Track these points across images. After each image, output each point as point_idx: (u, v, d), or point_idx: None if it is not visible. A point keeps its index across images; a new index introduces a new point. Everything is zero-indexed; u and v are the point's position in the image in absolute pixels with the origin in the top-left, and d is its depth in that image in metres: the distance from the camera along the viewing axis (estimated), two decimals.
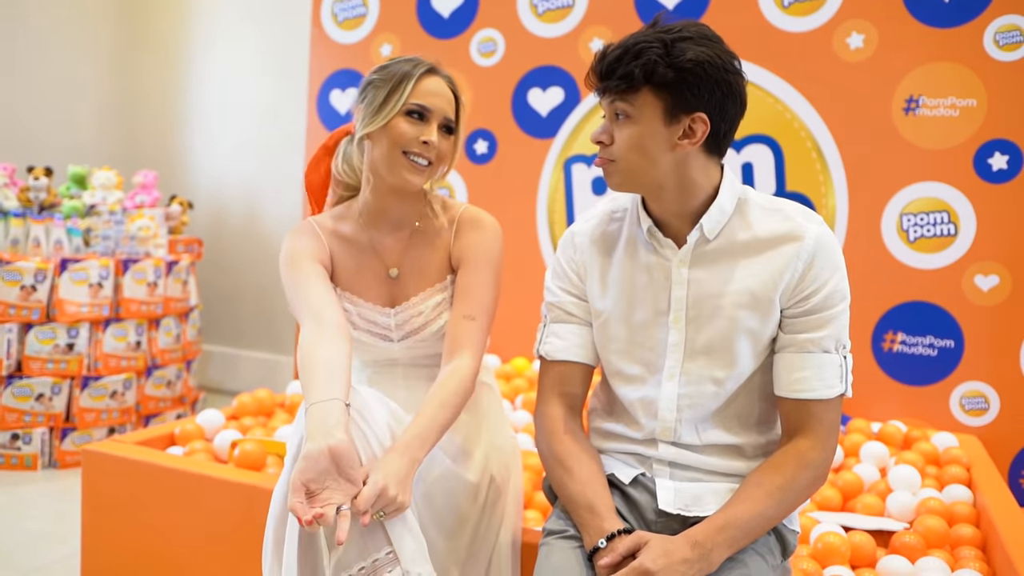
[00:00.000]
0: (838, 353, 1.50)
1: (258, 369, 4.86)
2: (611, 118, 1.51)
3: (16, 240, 3.65)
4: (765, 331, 1.52)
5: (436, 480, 1.69)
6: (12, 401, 3.45)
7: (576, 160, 3.60)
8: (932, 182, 3.06)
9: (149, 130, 5.23)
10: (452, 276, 1.84)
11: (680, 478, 1.58)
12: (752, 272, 1.51)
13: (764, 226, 1.53)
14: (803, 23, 3.20)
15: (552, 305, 1.70)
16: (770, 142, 3.26)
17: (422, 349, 1.85)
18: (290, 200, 4.67)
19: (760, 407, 1.59)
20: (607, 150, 1.52)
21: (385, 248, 1.84)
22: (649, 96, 1.46)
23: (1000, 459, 2.96)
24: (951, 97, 3.02)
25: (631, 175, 1.52)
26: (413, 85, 1.72)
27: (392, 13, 3.91)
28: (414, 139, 1.71)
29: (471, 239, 1.82)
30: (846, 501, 2.38)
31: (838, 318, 1.50)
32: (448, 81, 1.79)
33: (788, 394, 1.51)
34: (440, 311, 1.82)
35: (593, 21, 3.54)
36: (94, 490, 2.32)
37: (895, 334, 3.14)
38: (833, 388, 1.49)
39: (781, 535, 1.58)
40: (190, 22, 5.09)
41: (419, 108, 1.72)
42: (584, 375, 1.68)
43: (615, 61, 1.45)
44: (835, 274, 1.49)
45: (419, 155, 1.72)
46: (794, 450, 1.49)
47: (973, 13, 2.97)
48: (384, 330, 1.84)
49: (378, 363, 1.89)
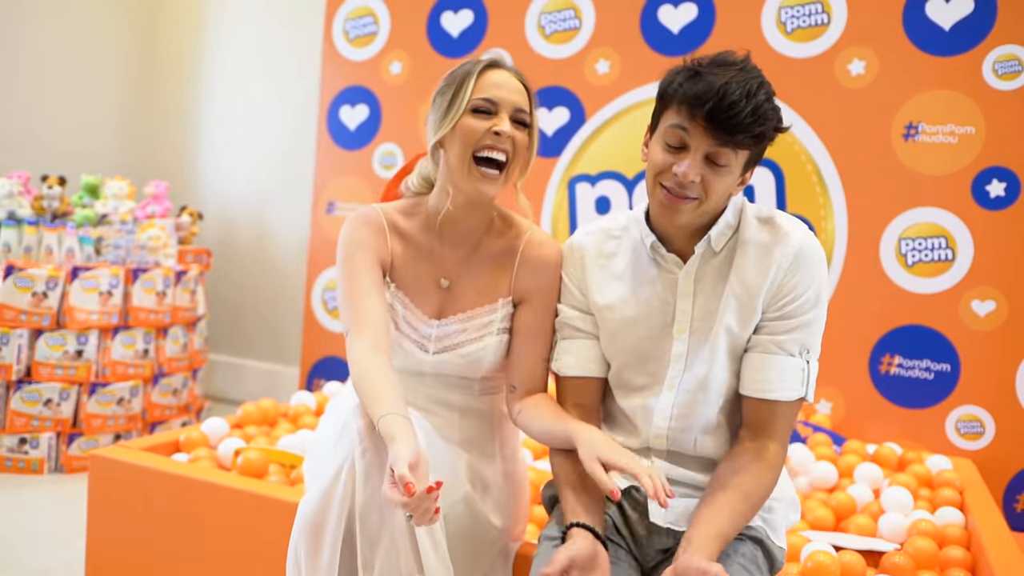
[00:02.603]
0: (801, 357, 1.55)
1: (263, 379, 4.90)
2: (705, 161, 1.49)
3: (29, 247, 3.70)
4: (743, 334, 1.57)
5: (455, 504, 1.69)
6: (21, 406, 3.49)
7: (580, 179, 3.65)
8: (931, 208, 3.10)
9: (161, 141, 5.29)
10: (505, 300, 1.77)
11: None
12: (740, 277, 1.56)
13: (757, 235, 1.57)
14: (806, 49, 3.24)
15: (561, 323, 1.74)
16: (771, 165, 3.31)
17: (453, 369, 1.77)
18: (299, 214, 4.72)
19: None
20: (695, 189, 1.50)
21: (444, 258, 1.78)
22: (745, 151, 1.51)
23: (995, 483, 2.98)
24: (950, 124, 3.06)
25: (704, 216, 1.56)
26: (475, 81, 1.66)
27: (403, 31, 3.96)
28: (485, 132, 1.64)
29: (542, 279, 1.76)
30: (839, 521, 2.39)
31: (809, 325, 1.54)
32: (516, 74, 1.71)
33: (751, 392, 1.56)
34: (483, 333, 1.75)
35: (600, 43, 3.59)
36: (99, 494, 2.34)
37: (892, 357, 3.17)
38: (794, 391, 1.54)
39: (768, 551, 1.60)
40: (204, 35, 5.15)
41: (485, 101, 1.65)
42: (597, 387, 1.72)
43: (743, 115, 1.44)
44: (813, 283, 1.54)
45: (493, 149, 1.65)
46: (764, 454, 1.54)
47: (973, 42, 3.01)
48: (423, 339, 1.76)
49: (405, 371, 1.79)
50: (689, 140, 1.49)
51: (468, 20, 3.82)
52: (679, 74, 1.53)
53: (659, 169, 1.53)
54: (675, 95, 1.51)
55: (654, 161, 1.54)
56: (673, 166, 1.50)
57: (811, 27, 3.23)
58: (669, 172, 1.51)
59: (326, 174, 4.17)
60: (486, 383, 1.82)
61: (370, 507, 1.51)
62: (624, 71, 3.54)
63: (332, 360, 4.13)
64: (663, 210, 1.54)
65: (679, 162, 1.49)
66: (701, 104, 1.45)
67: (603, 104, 3.59)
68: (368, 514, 1.52)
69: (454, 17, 3.85)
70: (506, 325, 1.76)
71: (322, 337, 4.19)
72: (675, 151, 1.51)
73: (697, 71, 1.49)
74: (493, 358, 1.75)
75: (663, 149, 1.52)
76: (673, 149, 1.51)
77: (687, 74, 1.50)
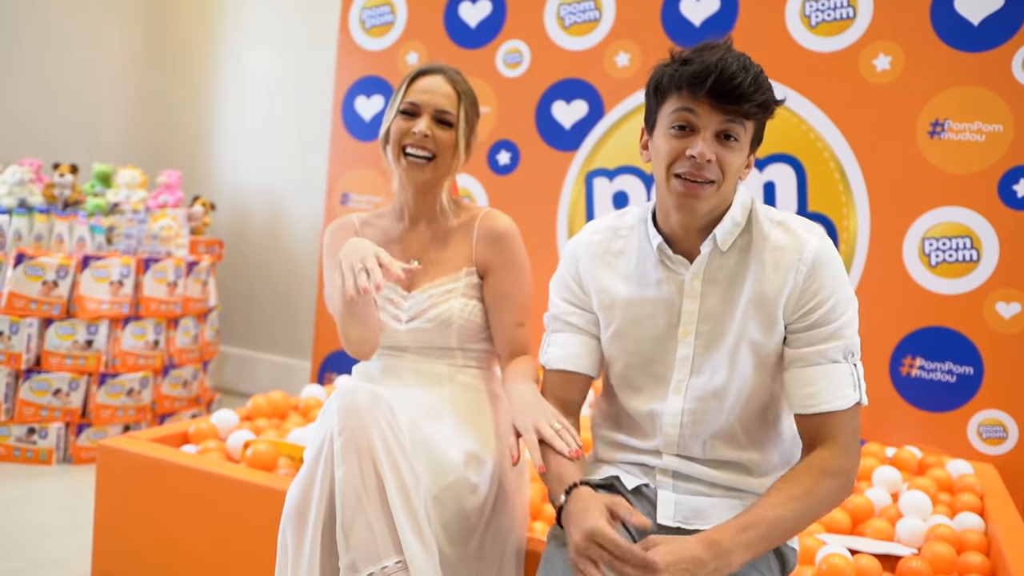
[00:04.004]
0: (848, 362, 1.51)
1: (275, 372, 4.88)
2: (716, 139, 1.48)
3: (40, 236, 3.68)
4: (768, 344, 1.53)
5: (448, 487, 1.69)
6: (30, 395, 3.48)
7: (598, 174, 3.60)
8: (956, 207, 3.04)
9: (175, 130, 5.28)
10: (468, 269, 1.93)
11: (682, 491, 1.58)
12: (756, 284, 1.52)
13: (769, 239, 1.53)
14: (830, 43, 3.19)
15: (553, 316, 1.72)
16: (793, 162, 3.25)
17: (428, 338, 1.91)
18: (313, 205, 4.70)
19: (767, 424, 1.59)
20: (712, 170, 1.47)
21: (412, 240, 1.99)
22: (751, 125, 1.50)
23: (1017, 489, 2.92)
24: (977, 122, 3.00)
25: (722, 201, 1.53)
26: (406, 87, 1.92)
27: (419, 21, 3.93)
28: (407, 132, 1.88)
29: (499, 249, 1.93)
30: (855, 525, 2.36)
31: (845, 328, 1.50)
32: (449, 78, 1.93)
33: (802, 410, 1.51)
34: (448, 298, 1.90)
35: (620, 35, 3.54)
36: (107, 484, 2.34)
37: (914, 359, 3.12)
38: (847, 398, 1.49)
39: (780, 552, 1.58)
40: (218, 23, 5.14)
41: (409, 105, 1.89)
42: (582, 384, 1.70)
43: (745, 85, 1.44)
44: (836, 285, 1.50)
45: (415, 147, 1.87)
46: (814, 460, 1.48)
47: (1002, 38, 2.95)
48: (397, 311, 1.93)
49: (389, 348, 1.96)
50: (697, 120, 1.47)
51: (486, 11, 3.78)
52: (668, 66, 1.51)
53: (671, 158, 1.50)
54: (672, 83, 1.49)
55: (663, 152, 1.51)
56: (687, 150, 1.47)
57: (836, 21, 3.18)
58: (683, 158, 1.48)
59: (340, 165, 4.13)
60: (468, 354, 1.94)
61: (347, 486, 1.52)
62: (644, 64, 3.49)
63: (345, 354, 4.09)
64: (682, 201, 1.50)
65: (692, 144, 1.47)
66: (703, 81, 1.44)
67: (622, 98, 3.55)
68: (345, 492, 1.52)
69: (472, 7, 3.81)
70: (471, 293, 1.92)
71: (335, 330, 4.15)
72: (684, 135, 1.48)
73: (686, 58, 1.48)
74: (459, 320, 1.89)
75: (671, 137, 1.50)
76: (682, 133, 1.49)
77: (677, 63, 1.50)
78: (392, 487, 1.52)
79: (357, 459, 1.51)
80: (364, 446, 1.51)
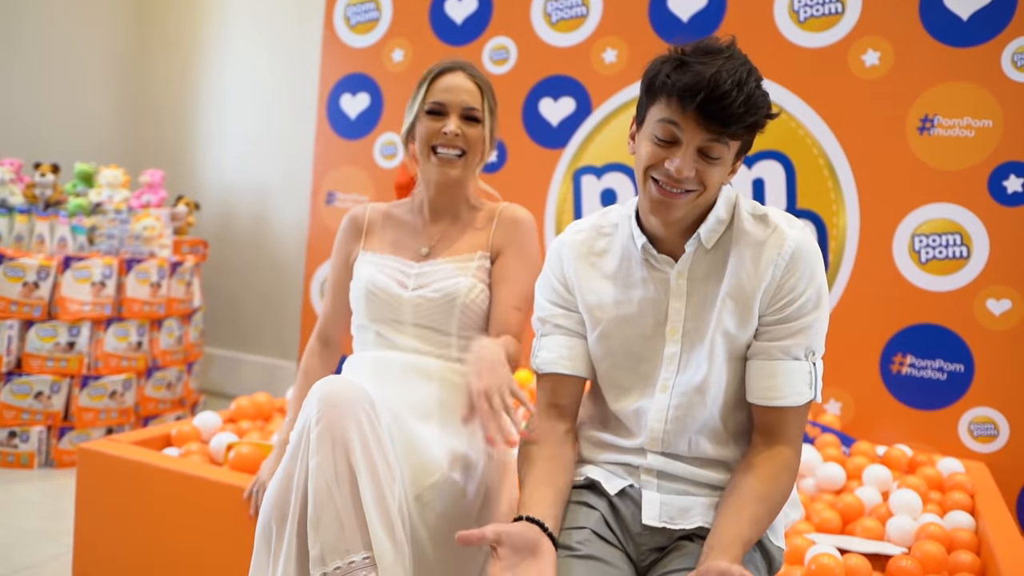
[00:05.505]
0: (807, 360, 1.52)
1: (260, 373, 4.84)
2: (697, 154, 1.44)
3: (20, 236, 3.63)
4: (742, 337, 1.53)
5: (431, 487, 1.68)
6: (11, 398, 3.43)
7: (585, 171, 3.58)
8: (945, 203, 3.03)
9: (158, 130, 5.23)
10: (483, 253, 1.96)
11: (667, 490, 1.57)
12: (735, 277, 1.52)
13: (751, 233, 1.53)
14: (819, 39, 3.17)
15: (541, 319, 1.70)
16: (782, 158, 3.23)
17: (429, 314, 1.91)
18: (298, 204, 4.66)
19: (748, 417, 1.59)
20: (690, 182, 1.45)
21: (427, 233, 2.01)
22: (736, 143, 1.47)
23: (1008, 487, 2.91)
24: (967, 117, 2.99)
25: (698, 209, 1.52)
26: (428, 86, 1.94)
27: (405, 18, 3.89)
28: (437, 132, 1.90)
29: (513, 233, 1.97)
30: (845, 524, 2.35)
31: (811, 326, 1.50)
32: (469, 74, 1.95)
33: (760, 401, 1.53)
34: (457, 275, 1.91)
35: (607, 32, 3.52)
36: (88, 488, 2.31)
37: (904, 357, 3.10)
38: (803, 395, 1.51)
39: (767, 551, 1.57)
40: (202, 22, 5.09)
41: (435, 105, 1.91)
42: (575, 387, 1.67)
43: (736, 105, 1.39)
44: (812, 282, 1.50)
45: (445, 146, 1.91)
46: (779, 458, 1.51)
47: (991, 33, 2.94)
48: (404, 277, 1.94)
49: (385, 321, 1.94)
50: (681, 134, 1.43)
51: (472, 7, 3.75)
52: (665, 64, 1.47)
53: (649, 163, 1.48)
54: (663, 87, 1.45)
55: (643, 155, 1.49)
56: (665, 161, 1.45)
57: (825, 16, 3.16)
58: (660, 167, 1.46)
59: (326, 164, 4.10)
60: (464, 344, 1.89)
61: (318, 475, 1.50)
62: (632, 61, 3.47)
63: None
64: (656, 205, 1.49)
65: (671, 158, 1.44)
66: (692, 96, 1.39)
67: (610, 94, 3.52)
68: (317, 481, 1.50)
69: (458, 4, 3.78)
70: (480, 275, 1.93)
71: None
72: (666, 146, 1.45)
73: (683, 60, 1.43)
74: (464, 299, 1.89)
75: (653, 144, 1.47)
76: (664, 144, 1.46)
77: (673, 64, 1.45)
78: (365, 480, 1.49)
79: (331, 449, 1.49)
80: (339, 436, 1.50)
